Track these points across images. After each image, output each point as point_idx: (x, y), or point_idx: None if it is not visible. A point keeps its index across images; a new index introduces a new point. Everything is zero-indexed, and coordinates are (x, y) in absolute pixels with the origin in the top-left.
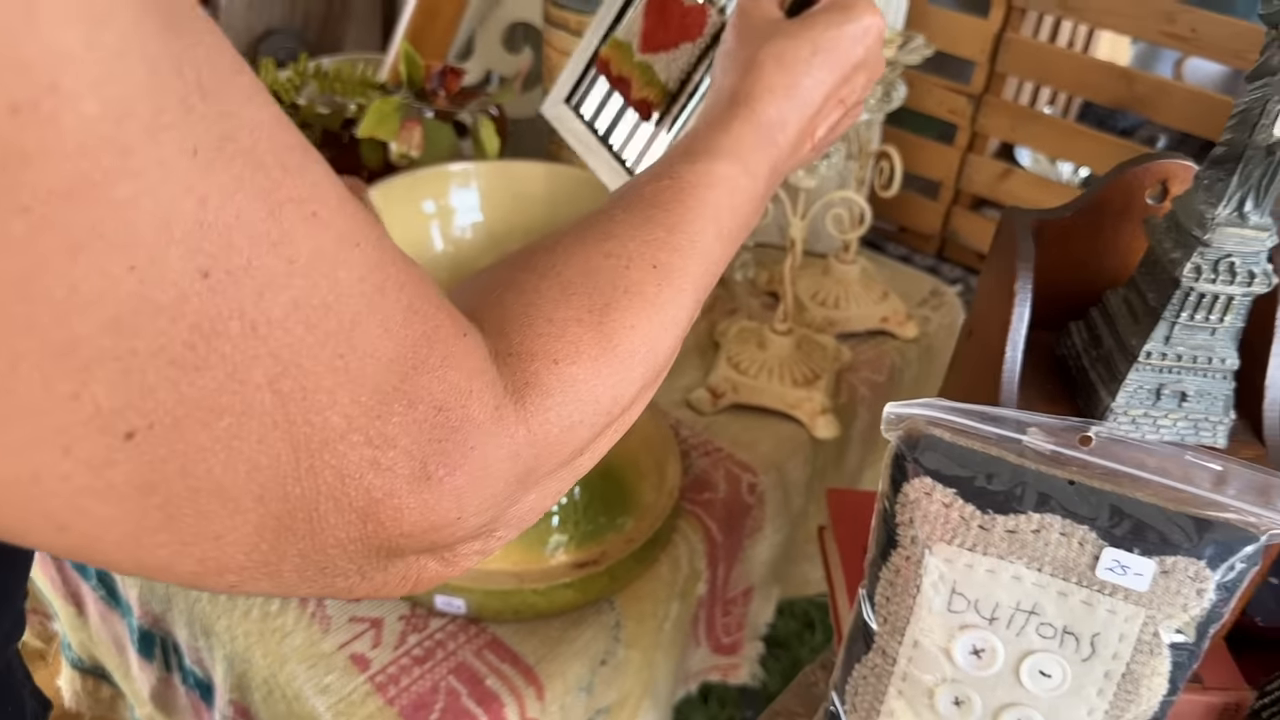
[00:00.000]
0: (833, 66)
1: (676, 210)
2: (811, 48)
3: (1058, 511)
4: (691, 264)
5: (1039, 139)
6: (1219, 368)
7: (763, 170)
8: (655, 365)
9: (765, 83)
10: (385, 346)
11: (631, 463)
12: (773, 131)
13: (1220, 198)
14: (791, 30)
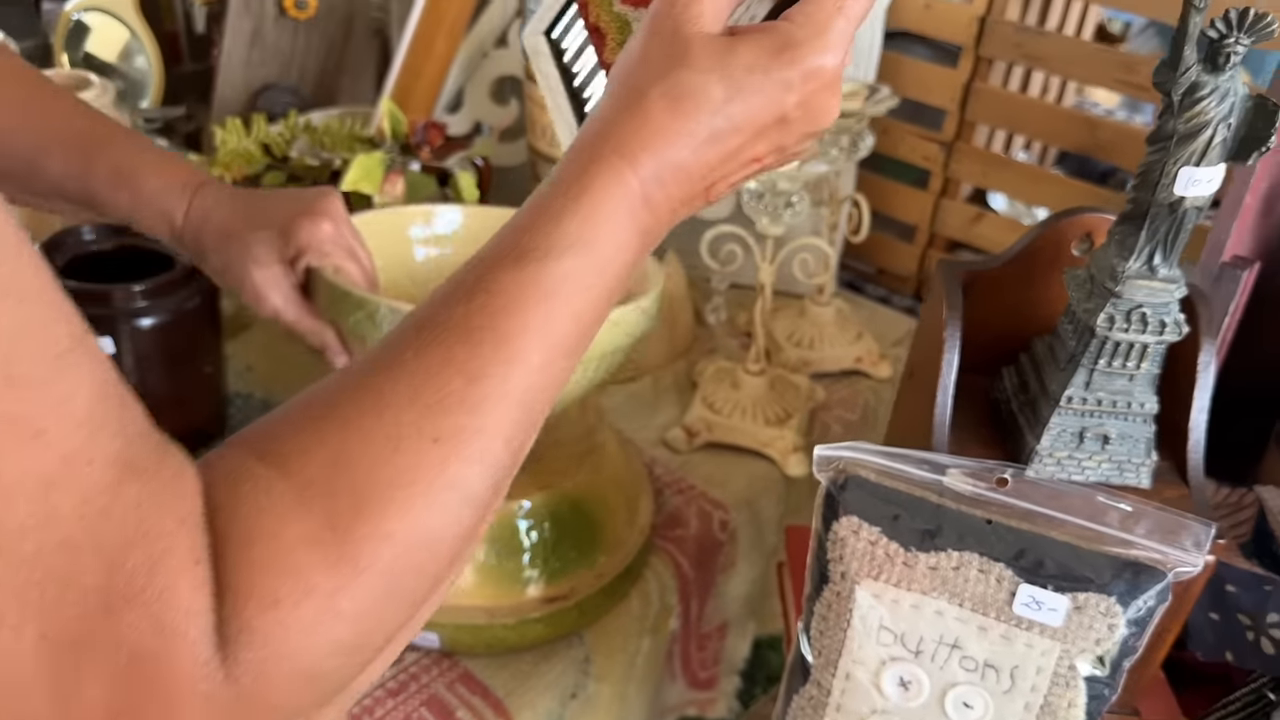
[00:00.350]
0: (752, 116)
1: (487, 345)
2: (726, 89)
3: (976, 549)
4: (496, 420)
5: (1009, 184)
6: (1139, 412)
7: (625, 248)
8: (434, 572)
9: (651, 127)
10: (92, 575)
11: (602, 500)
12: (649, 192)
13: (1131, 252)
14: (707, 59)
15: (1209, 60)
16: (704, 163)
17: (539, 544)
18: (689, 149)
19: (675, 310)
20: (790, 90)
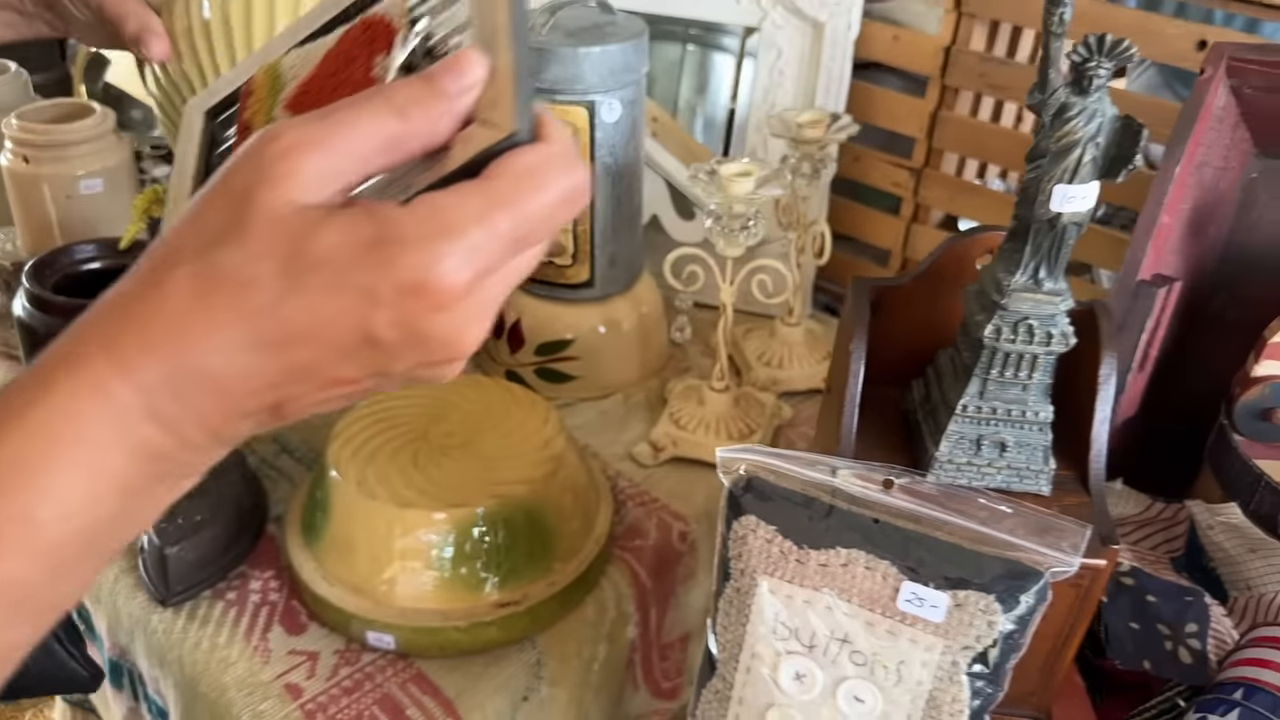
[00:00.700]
0: (321, 327)
1: None
2: (284, 284)
3: (863, 547)
4: None
5: (976, 210)
6: (1034, 420)
7: (102, 476)
8: None
9: (165, 319)
10: None
11: (557, 509)
12: (156, 405)
13: (1017, 266)
14: (271, 237)
15: (1076, 83)
16: (249, 376)
17: (492, 550)
18: (221, 355)
19: (649, 330)
20: (377, 303)
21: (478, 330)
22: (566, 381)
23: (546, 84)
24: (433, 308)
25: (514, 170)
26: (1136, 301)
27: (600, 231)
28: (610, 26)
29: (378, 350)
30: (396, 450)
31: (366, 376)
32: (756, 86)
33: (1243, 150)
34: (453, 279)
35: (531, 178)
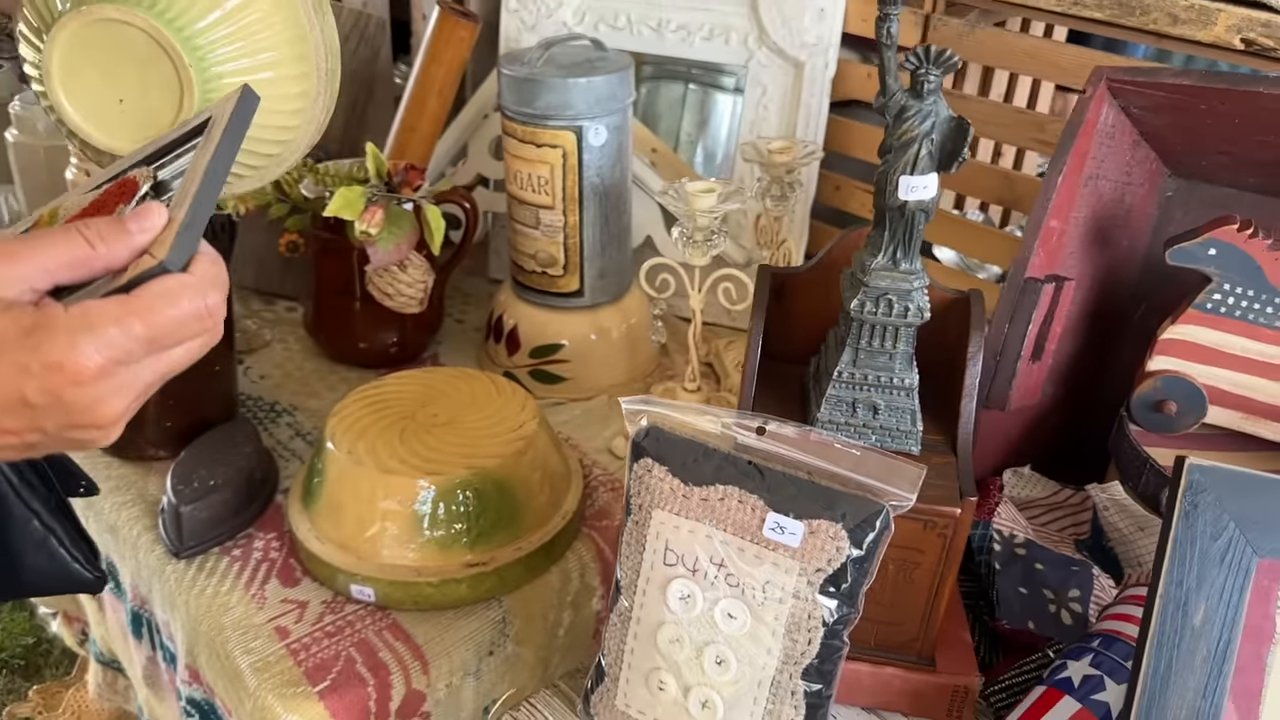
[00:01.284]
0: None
1: None
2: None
3: (738, 483)
4: None
5: (948, 237)
6: (900, 386)
7: None
8: None
9: None
10: None
11: (525, 483)
12: None
13: (879, 249)
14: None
15: (913, 88)
16: None
17: (463, 515)
18: None
19: (636, 338)
20: (28, 374)
21: (116, 406)
22: (558, 383)
23: (538, 111)
24: (71, 382)
25: (153, 290)
26: (1023, 296)
27: (589, 245)
28: (600, 61)
29: (31, 410)
30: (386, 427)
31: (26, 430)
32: (744, 120)
33: (1150, 169)
34: (86, 362)
35: (166, 296)
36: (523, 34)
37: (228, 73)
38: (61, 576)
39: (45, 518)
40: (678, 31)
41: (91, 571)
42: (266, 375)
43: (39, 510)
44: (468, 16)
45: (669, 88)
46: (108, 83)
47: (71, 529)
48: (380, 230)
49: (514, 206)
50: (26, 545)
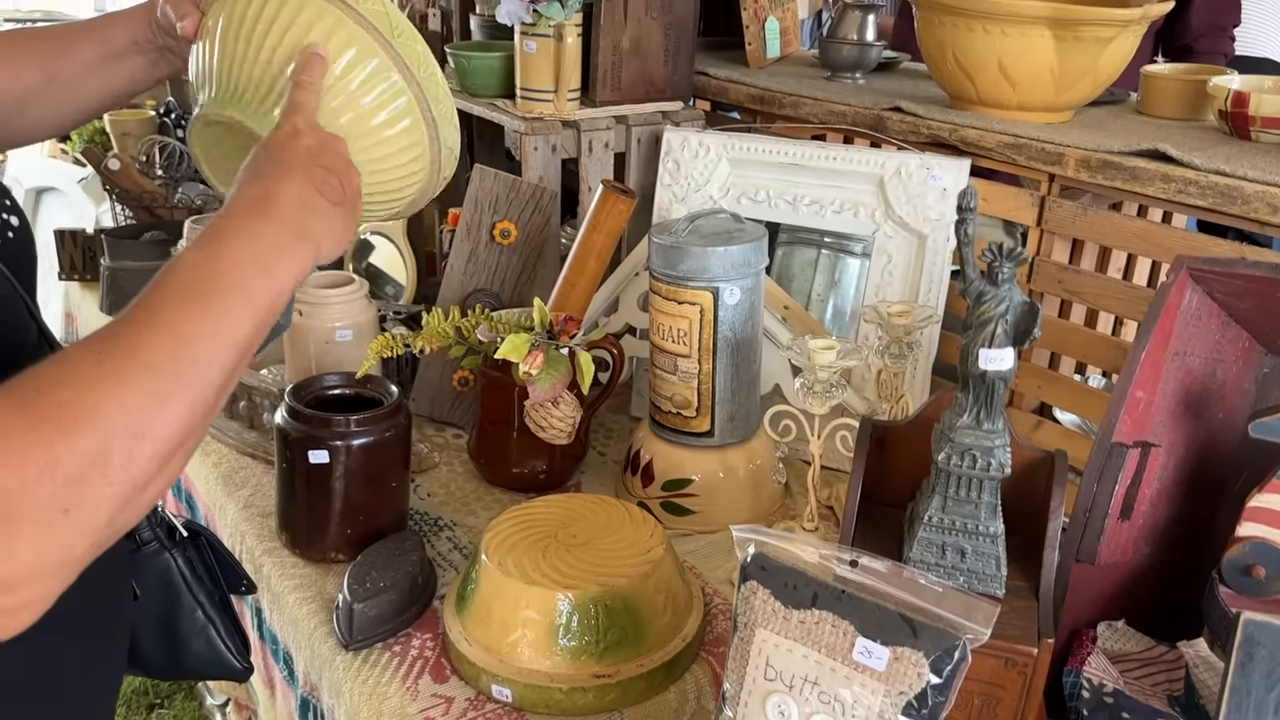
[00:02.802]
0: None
1: (147, 294)
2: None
3: (832, 609)
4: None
5: (1065, 399)
6: (985, 533)
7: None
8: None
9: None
10: None
11: (649, 603)
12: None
13: (964, 410)
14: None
15: (990, 277)
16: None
17: (593, 628)
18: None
19: (761, 478)
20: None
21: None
22: (687, 515)
23: (681, 273)
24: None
25: None
26: (1110, 459)
27: (720, 390)
28: (737, 232)
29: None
30: (532, 544)
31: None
32: (870, 284)
33: (1243, 346)
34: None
35: None
36: (673, 204)
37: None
38: (216, 663)
39: (209, 609)
40: (811, 205)
41: (241, 662)
42: (433, 493)
43: (204, 602)
44: (626, 193)
45: (803, 251)
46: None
47: (229, 622)
48: (540, 372)
49: (655, 354)
50: (191, 632)
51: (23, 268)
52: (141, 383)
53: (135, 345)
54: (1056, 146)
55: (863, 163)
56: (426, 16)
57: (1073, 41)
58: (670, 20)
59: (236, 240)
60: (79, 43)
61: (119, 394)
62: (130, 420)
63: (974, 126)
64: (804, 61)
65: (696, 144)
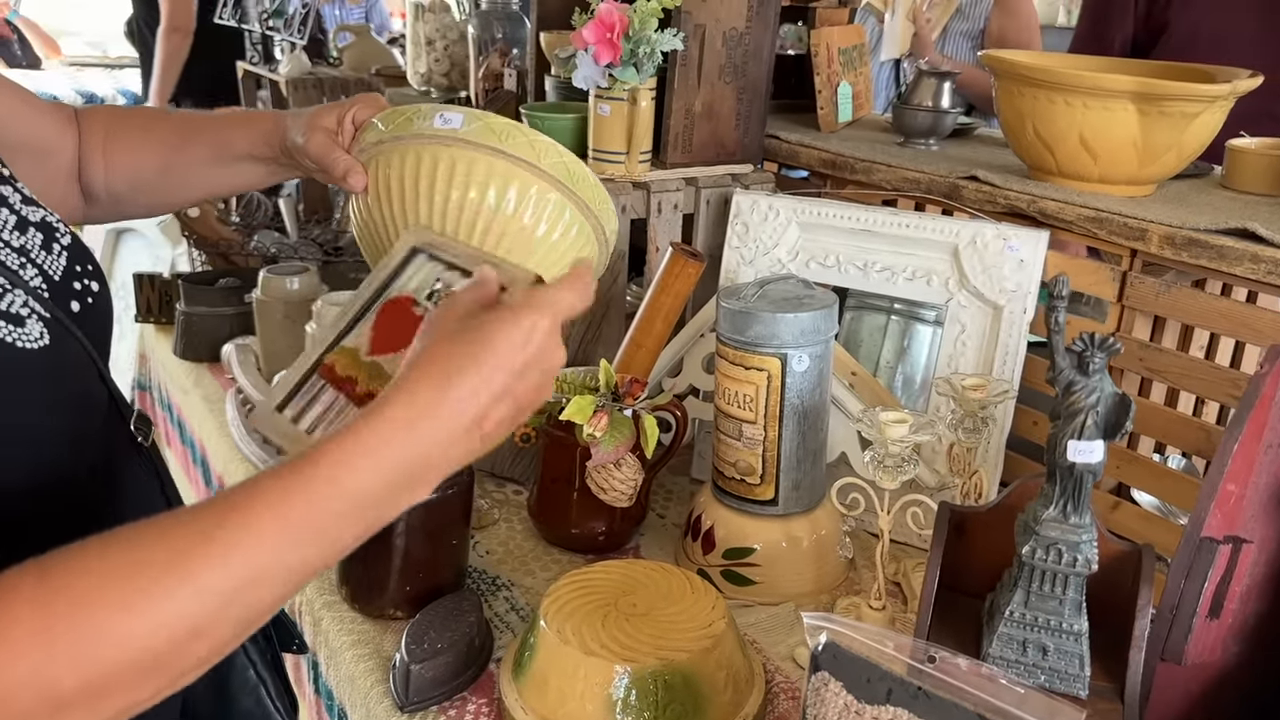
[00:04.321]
0: (494, 368)
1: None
2: (468, 352)
3: (907, 707)
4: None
5: (1142, 479)
6: (1070, 631)
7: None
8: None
9: (408, 386)
10: None
11: (710, 680)
12: (398, 431)
13: (1050, 501)
14: (457, 334)
15: (1080, 367)
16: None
17: (652, 704)
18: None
19: (825, 550)
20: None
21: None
22: (748, 585)
23: (749, 339)
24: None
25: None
26: (1199, 554)
27: (786, 458)
28: (808, 298)
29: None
30: (591, 611)
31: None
32: (942, 354)
33: None
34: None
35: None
36: (741, 267)
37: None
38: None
39: (260, 668)
40: (883, 271)
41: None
42: (492, 550)
43: (255, 660)
44: (695, 256)
45: (872, 317)
46: None
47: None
48: (604, 434)
49: (720, 418)
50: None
51: (99, 334)
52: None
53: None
54: (1140, 221)
55: (937, 230)
56: (502, 76)
57: (1157, 116)
58: (743, 85)
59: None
60: (198, 140)
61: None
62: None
63: (1053, 198)
64: (876, 126)
65: (766, 207)
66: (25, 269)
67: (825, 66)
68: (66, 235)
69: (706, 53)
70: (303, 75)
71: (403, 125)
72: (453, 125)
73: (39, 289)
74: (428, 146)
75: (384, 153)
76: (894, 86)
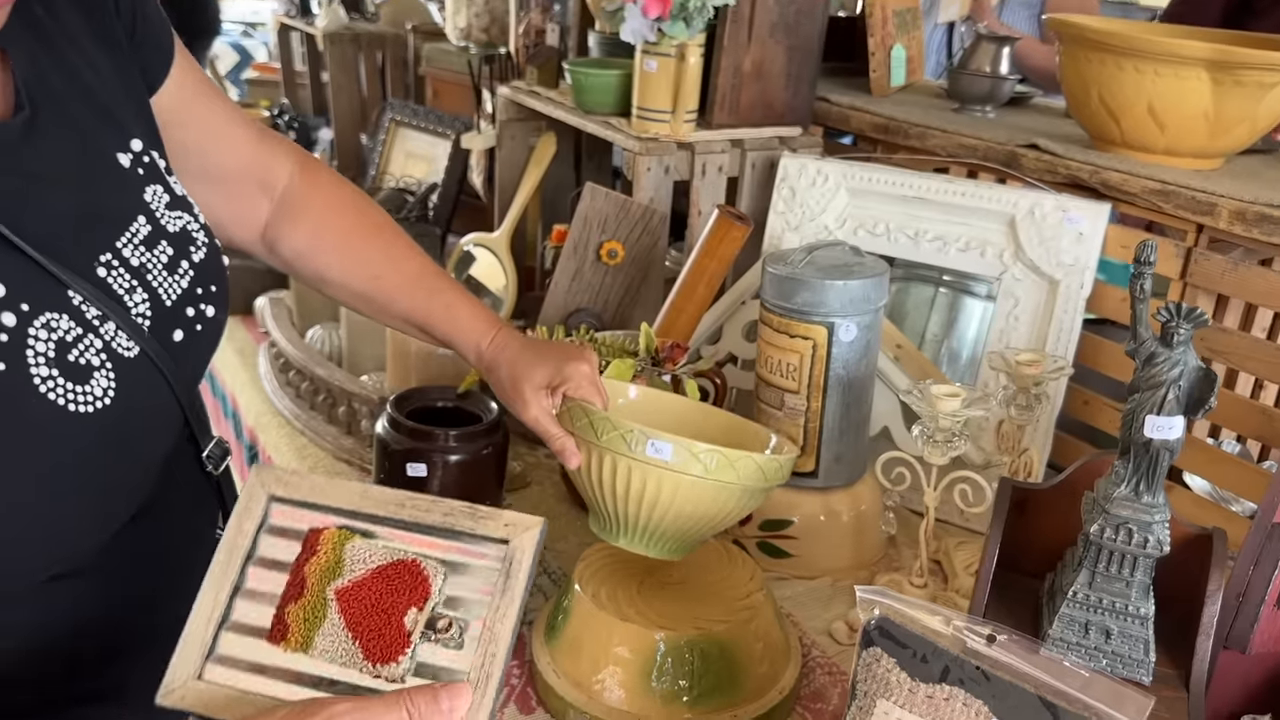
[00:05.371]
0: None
1: None
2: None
3: (964, 687)
4: None
5: (1198, 464)
6: (1135, 615)
7: None
8: None
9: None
10: None
11: (747, 652)
12: None
13: (1122, 480)
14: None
15: (1163, 338)
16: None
17: (688, 673)
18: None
19: (865, 525)
20: None
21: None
22: (784, 558)
23: (796, 306)
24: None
25: None
26: (1269, 541)
27: (828, 430)
28: (857, 266)
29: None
30: (626, 578)
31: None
32: (993, 328)
33: None
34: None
35: None
36: (786, 234)
37: None
38: None
39: None
40: (934, 241)
41: None
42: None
43: None
44: (742, 219)
45: (919, 289)
46: None
47: None
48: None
49: (761, 387)
50: None
51: (198, 360)
52: None
53: None
54: (1208, 196)
55: (994, 200)
56: (544, 32)
57: (1232, 86)
58: (794, 43)
59: None
60: (403, 302)
61: None
62: None
63: (1117, 169)
64: (929, 91)
65: (815, 172)
66: (133, 294)
67: (879, 28)
68: (202, 249)
69: (759, 8)
70: (339, 29)
71: (615, 442)
72: (663, 456)
73: (140, 317)
74: (637, 464)
75: (596, 450)
76: (945, 52)
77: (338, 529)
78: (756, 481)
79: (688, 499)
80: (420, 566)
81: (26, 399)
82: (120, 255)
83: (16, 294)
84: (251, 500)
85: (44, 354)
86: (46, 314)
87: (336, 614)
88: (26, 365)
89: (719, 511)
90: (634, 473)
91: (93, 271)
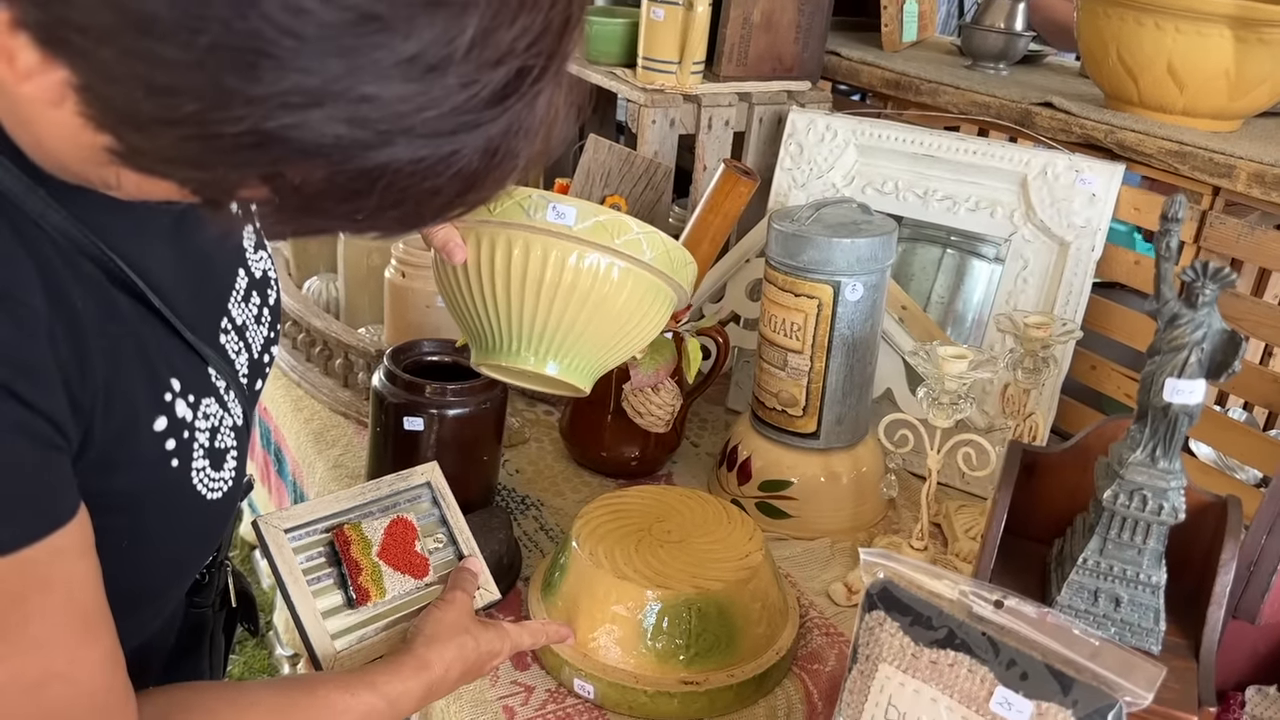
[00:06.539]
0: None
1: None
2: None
3: (969, 652)
4: None
5: (1200, 431)
6: (1146, 583)
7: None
8: None
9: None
10: None
11: (745, 612)
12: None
13: (1138, 444)
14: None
15: (1187, 298)
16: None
17: (684, 632)
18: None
19: (865, 487)
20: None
21: None
22: (783, 518)
23: (801, 264)
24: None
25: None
26: None
27: (831, 391)
28: (865, 224)
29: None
30: (624, 535)
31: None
32: (1001, 290)
33: None
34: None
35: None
36: (792, 190)
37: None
38: None
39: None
40: (943, 201)
41: None
42: (521, 470)
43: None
44: (749, 174)
45: (926, 250)
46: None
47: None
48: (645, 356)
49: (764, 347)
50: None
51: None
52: None
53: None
54: (1227, 158)
55: (1006, 159)
56: None
57: (1255, 44)
58: None
59: None
60: None
61: None
62: None
63: (1134, 129)
64: (940, 48)
65: (823, 127)
66: (239, 355)
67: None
68: (274, 288)
69: None
70: None
71: (511, 211)
72: (566, 221)
73: (244, 378)
74: (537, 237)
75: (487, 233)
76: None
77: (348, 524)
78: (664, 266)
79: (592, 279)
80: (403, 517)
81: (183, 495)
82: (230, 316)
83: (188, 385)
84: (276, 542)
85: (202, 444)
86: (204, 400)
87: (386, 566)
88: (191, 461)
89: (623, 308)
90: (533, 249)
91: (217, 340)
